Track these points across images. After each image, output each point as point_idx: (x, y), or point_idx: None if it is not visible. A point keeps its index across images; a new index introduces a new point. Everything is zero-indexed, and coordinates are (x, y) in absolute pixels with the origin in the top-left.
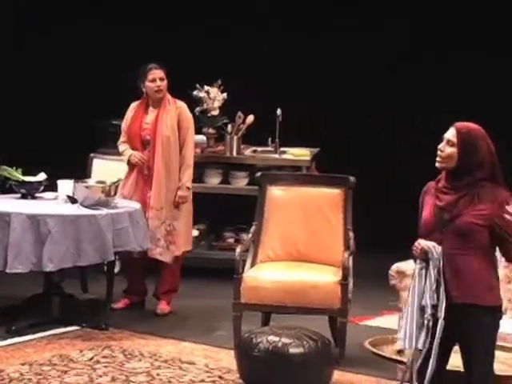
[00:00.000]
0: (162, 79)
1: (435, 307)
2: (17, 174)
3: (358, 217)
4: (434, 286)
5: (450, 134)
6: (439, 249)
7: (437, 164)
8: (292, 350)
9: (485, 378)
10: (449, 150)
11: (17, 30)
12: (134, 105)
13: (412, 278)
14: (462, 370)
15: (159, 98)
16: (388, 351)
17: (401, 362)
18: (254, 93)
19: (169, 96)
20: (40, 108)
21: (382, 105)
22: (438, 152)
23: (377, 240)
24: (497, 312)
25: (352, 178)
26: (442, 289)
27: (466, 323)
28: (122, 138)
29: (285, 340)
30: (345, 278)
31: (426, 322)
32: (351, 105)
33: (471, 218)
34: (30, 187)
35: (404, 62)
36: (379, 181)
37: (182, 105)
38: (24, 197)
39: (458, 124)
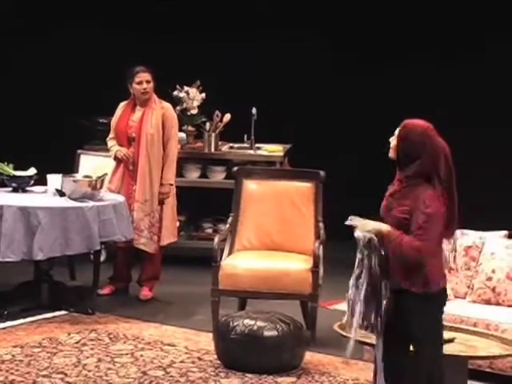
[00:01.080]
0: (148, 82)
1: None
2: (8, 169)
3: (327, 208)
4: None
5: (398, 128)
6: (366, 239)
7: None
8: (266, 333)
9: (432, 361)
10: (393, 142)
11: (6, 30)
12: (122, 104)
13: None
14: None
15: (146, 99)
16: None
17: (367, 344)
18: (230, 93)
19: (155, 96)
20: (31, 108)
21: (352, 103)
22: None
23: (345, 230)
24: (436, 299)
25: (322, 173)
26: (371, 272)
27: (402, 309)
28: (111, 135)
29: (260, 323)
30: (315, 265)
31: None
32: (323, 103)
33: (397, 213)
34: (21, 181)
35: (377, 61)
36: (347, 175)
37: (168, 105)
38: (15, 190)
39: (407, 120)
